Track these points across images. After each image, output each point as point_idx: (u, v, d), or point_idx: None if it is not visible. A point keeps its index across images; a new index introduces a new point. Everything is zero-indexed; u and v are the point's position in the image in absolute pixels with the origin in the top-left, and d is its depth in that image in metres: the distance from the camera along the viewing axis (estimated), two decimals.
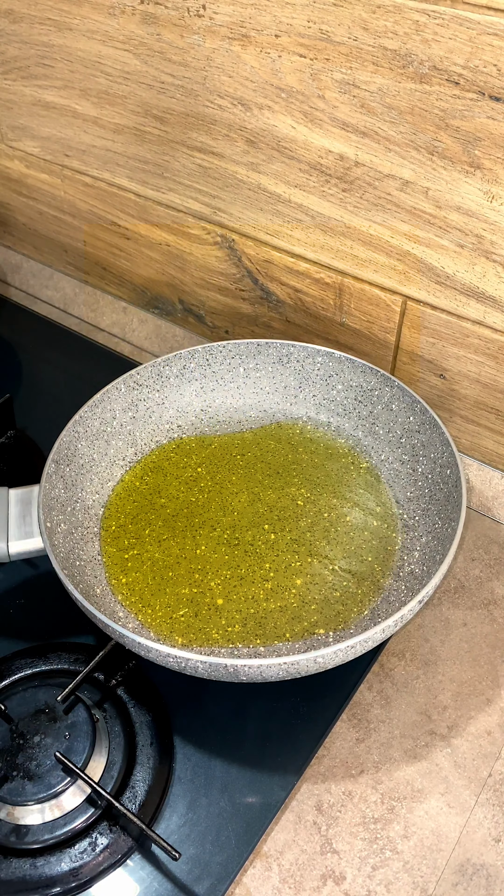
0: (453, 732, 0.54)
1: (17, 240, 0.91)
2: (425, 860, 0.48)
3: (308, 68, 0.54)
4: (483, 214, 0.53)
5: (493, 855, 0.48)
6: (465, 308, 0.58)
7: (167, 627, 0.54)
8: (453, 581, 0.62)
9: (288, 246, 0.66)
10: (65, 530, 0.57)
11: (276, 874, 0.48)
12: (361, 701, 0.55)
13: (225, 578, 0.57)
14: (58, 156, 0.76)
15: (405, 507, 0.61)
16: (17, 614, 0.60)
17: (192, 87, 0.61)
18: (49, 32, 0.67)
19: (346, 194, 0.59)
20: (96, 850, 0.48)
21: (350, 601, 0.56)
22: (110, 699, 0.54)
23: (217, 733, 0.53)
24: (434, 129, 0.51)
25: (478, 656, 0.57)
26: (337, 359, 0.65)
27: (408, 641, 0.58)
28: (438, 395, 0.66)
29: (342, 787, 0.51)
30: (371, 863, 0.48)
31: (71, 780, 0.48)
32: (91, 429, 0.63)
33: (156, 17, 0.59)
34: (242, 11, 0.54)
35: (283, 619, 0.55)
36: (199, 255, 0.73)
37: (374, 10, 0.49)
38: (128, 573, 0.58)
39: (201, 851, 0.48)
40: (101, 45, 0.64)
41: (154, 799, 0.50)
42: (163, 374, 0.67)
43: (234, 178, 0.64)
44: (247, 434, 0.67)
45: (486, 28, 0.46)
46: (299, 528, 0.60)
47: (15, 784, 0.48)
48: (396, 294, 0.62)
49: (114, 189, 0.74)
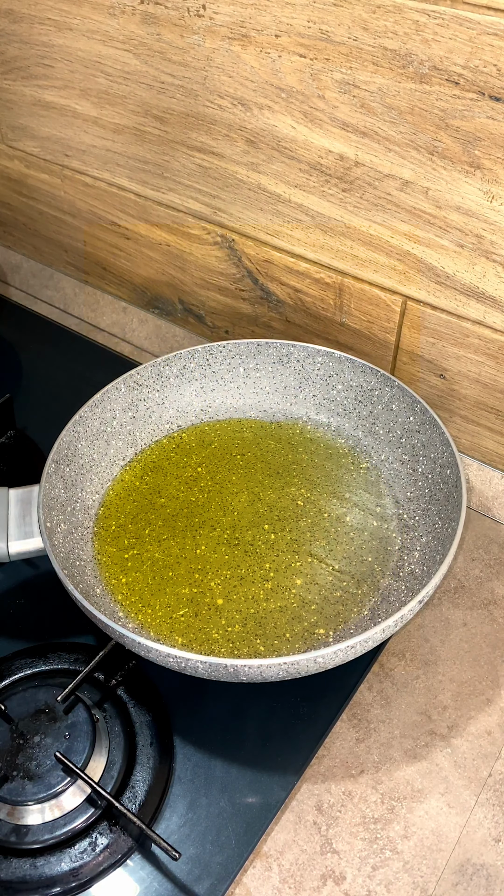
0: (453, 732, 0.54)
1: (17, 240, 0.91)
2: (425, 860, 0.48)
3: (308, 68, 0.54)
4: (483, 214, 0.53)
5: (493, 855, 0.48)
6: (465, 308, 0.58)
7: (167, 627, 0.54)
8: (453, 581, 0.62)
9: (288, 246, 0.66)
10: (65, 530, 0.57)
11: (276, 874, 0.48)
12: (361, 701, 0.55)
13: (225, 578, 0.57)
14: (58, 156, 0.76)
15: (405, 507, 0.61)
16: (17, 614, 0.60)
17: (192, 87, 0.61)
18: (49, 32, 0.67)
19: (346, 194, 0.59)
20: (96, 850, 0.48)
21: (350, 601, 0.56)
22: (110, 699, 0.54)
23: (217, 733, 0.53)
24: (434, 129, 0.51)
25: (478, 656, 0.57)
26: (337, 359, 0.65)
27: (408, 641, 0.58)
28: (438, 395, 0.66)
29: (342, 787, 0.51)
30: (371, 863, 0.48)
31: (71, 780, 0.48)
32: (91, 429, 0.63)
33: (156, 17, 0.59)
34: (242, 11, 0.54)
35: (283, 619, 0.55)
36: (199, 255, 0.73)
37: (374, 10, 0.49)
38: (128, 573, 0.58)
39: (201, 851, 0.48)
40: (101, 45, 0.64)
41: (154, 799, 0.50)
42: (163, 374, 0.67)
43: (234, 178, 0.64)
44: (247, 434, 0.67)
45: (486, 28, 0.46)
46: (299, 528, 0.60)
47: (15, 784, 0.48)
48: (396, 294, 0.62)
49: (114, 189, 0.74)
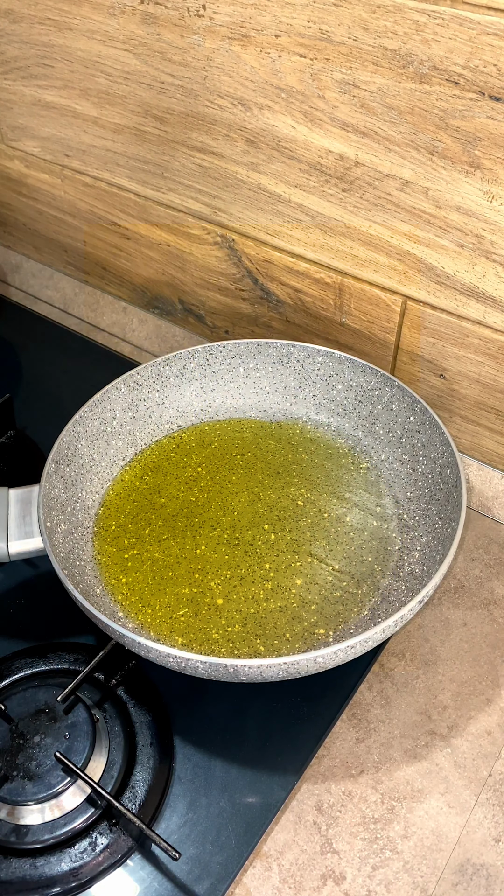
0: (453, 732, 0.54)
1: (17, 240, 0.91)
2: (425, 860, 0.48)
3: (308, 68, 0.54)
4: (483, 214, 0.53)
5: (493, 855, 0.48)
6: (466, 308, 0.58)
7: (167, 627, 0.54)
8: (453, 581, 0.62)
9: (288, 246, 0.66)
10: (65, 530, 0.57)
11: (276, 874, 0.48)
12: (361, 701, 0.55)
13: (225, 578, 0.57)
14: (58, 156, 0.76)
15: (405, 507, 0.61)
16: (17, 614, 0.60)
17: (192, 87, 0.61)
18: (49, 32, 0.67)
19: (346, 194, 0.59)
20: (96, 850, 0.48)
21: (350, 601, 0.56)
22: (110, 699, 0.54)
23: (217, 733, 0.53)
24: (434, 129, 0.51)
25: (478, 656, 0.57)
26: (337, 359, 0.65)
27: (408, 641, 0.58)
28: (438, 395, 0.66)
29: (342, 787, 0.51)
30: (371, 863, 0.48)
31: (71, 780, 0.48)
32: (91, 429, 0.63)
33: (156, 17, 0.59)
34: (242, 11, 0.54)
35: (283, 619, 0.55)
36: (199, 255, 0.73)
37: (374, 10, 0.49)
38: (128, 573, 0.58)
39: (201, 851, 0.48)
40: (101, 45, 0.64)
41: (154, 799, 0.50)
42: (163, 374, 0.67)
43: (234, 178, 0.64)
44: (247, 434, 0.67)
45: (486, 28, 0.46)
46: (299, 528, 0.60)
47: (15, 784, 0.48)
48: (396, 294, 0.62)
49: (114, 189, 0.74)
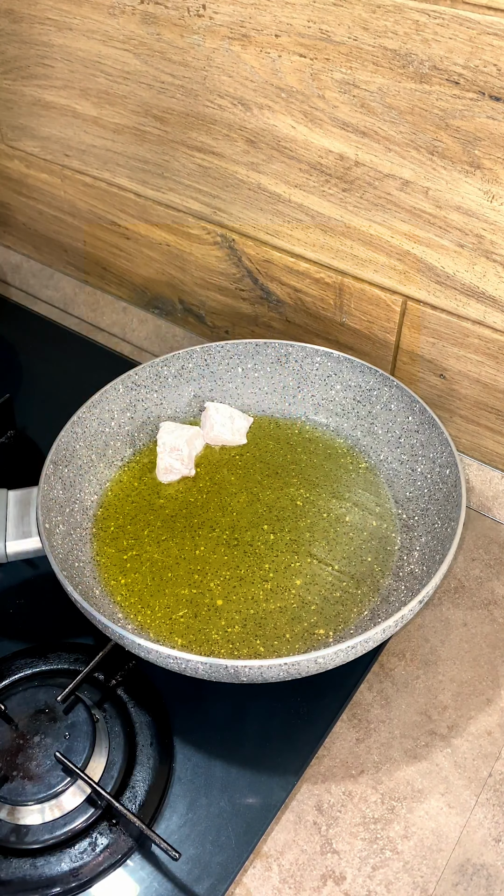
0: (453, 732, 0.54)
1: (17, 240, 0.91)
2: (425, 860, 0.48)
3: (308, 68, 0.54)
4: (483, 214, 0.53)
5: (493, 855, 0.48)
6: (466, 308, 0.58)
7: (167, 628, 0.54)
8: (453, 581, 0.62)
9: (288, 246, 0.66)
10: (63, 531, 0.57)
11: (276, 874, 0.48)
12: (361, 701, 0.55)
13: (224, 579, 0.57)
14: (58, 156, 0.76)
15: (404, 507, 0.61)
16: (17, 614, 0.60)
17: (192, 87, 0.61)
18: (49, 32, 0.67)
19: (346, 194, 0.59)
20: (96, 851, 0.48)
21: (350, 601, 0.56)
22: (110, 699, 0.54)
23: (217, 733, 0.53)
24: (434, 129, 0.51)
25: (478, 656, 0.57)
26: (335, 359, 0.65)
27: (408, 641, 0.58)
28: (438, 394, 0.66)
29: (342, 787, 0.51)
30: (371, 863, 0.48)
31: (71, 780, 0.48)
32: (89, 429, 0.63)
33: (156, 17, 0.59)
34: (242, 11, 0.54)
35: (283, 620, 0.55)
36: (199, 255, 0.73)
37: (374, 10, 0.49)
38: (127, 574, 0.58)
39: (201, 851, 0.48)
40: (101, 45, 0.64)
41: (154, 799, 0.50)
42: (161, 375, 0.67)
43: (234, 178, 0.64)
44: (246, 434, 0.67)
45: (486, 28, 0.46)
46: (298, 528, 0.60)
47: (15, 784, 0.48)
48: (396, 294, 0.62)
49: (114, 189, 0.74)
